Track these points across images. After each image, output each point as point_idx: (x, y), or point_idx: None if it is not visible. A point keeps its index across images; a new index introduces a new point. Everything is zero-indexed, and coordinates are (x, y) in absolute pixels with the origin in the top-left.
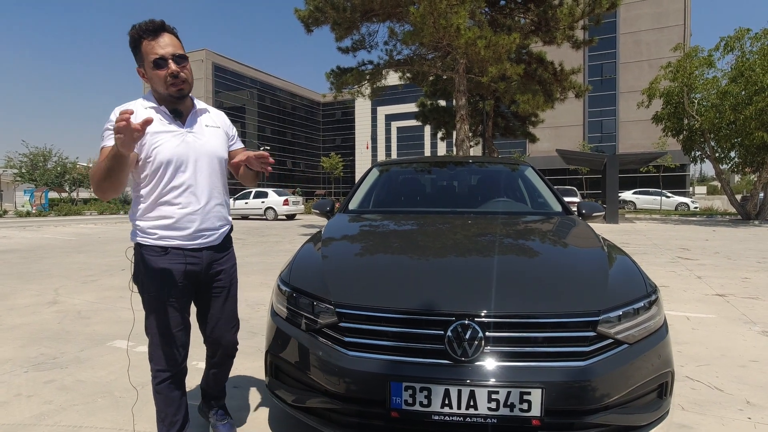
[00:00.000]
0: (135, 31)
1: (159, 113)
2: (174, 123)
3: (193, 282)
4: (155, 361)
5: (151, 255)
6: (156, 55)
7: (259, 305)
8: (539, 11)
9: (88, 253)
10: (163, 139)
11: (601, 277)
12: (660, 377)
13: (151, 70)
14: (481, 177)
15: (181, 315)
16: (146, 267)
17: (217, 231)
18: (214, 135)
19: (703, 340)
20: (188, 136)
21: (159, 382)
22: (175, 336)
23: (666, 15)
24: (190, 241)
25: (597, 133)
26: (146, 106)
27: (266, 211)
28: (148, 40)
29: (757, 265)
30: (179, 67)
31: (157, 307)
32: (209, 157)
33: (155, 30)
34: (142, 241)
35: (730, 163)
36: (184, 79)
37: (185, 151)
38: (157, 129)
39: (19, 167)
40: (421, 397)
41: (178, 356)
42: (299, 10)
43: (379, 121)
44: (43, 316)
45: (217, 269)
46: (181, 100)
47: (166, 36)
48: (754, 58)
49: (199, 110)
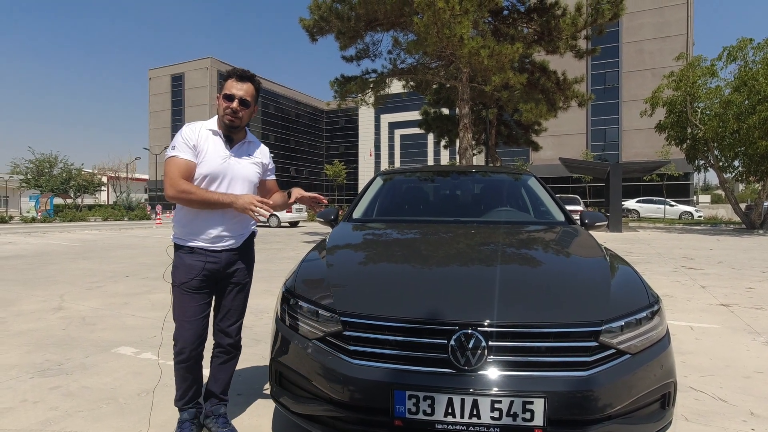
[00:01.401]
0: (230, 71)
1: (216, 136)
2: (225, 146)
3: (212, 278)
4: (178, 343)
5: (182, 253)
6: (229, 92)
7: (263, 312)
8: (542, 21)
9: (92, 260)
10: (211, 156)
11: (603, 287)
12: (662, 387)
13: (221, 99)
14: (484, 186)
15: (198, 305)
16: (177, 263)
17: (237, 237)
18: (252, 163)
19: (707, 350)
20: (231, 159)
21: (177, 360)
22: (195, 322)
23: (668, 25)
24: (211, 244)
25: (600, 142)
26: (209, 128)
27: (270, 218)
28: (234, 80)
29: (761, 274)
30: (240, 108)
31: (182, 296)
32: (242, 179)
33: (243, 77)
34: (177, 243)
35: (734, 172)
36: (239, 117)
37: (224, 169)
38: (209, 147)
39: (25, 173)
40: (425, 406)
41: (196, 340)
42: (304, 20)
43: (383, 129)
44: (48, 322)
45: (234, 268)
46: (234, 130)
47: (247, 84)
48: (757, 67)
49: (247, 142)
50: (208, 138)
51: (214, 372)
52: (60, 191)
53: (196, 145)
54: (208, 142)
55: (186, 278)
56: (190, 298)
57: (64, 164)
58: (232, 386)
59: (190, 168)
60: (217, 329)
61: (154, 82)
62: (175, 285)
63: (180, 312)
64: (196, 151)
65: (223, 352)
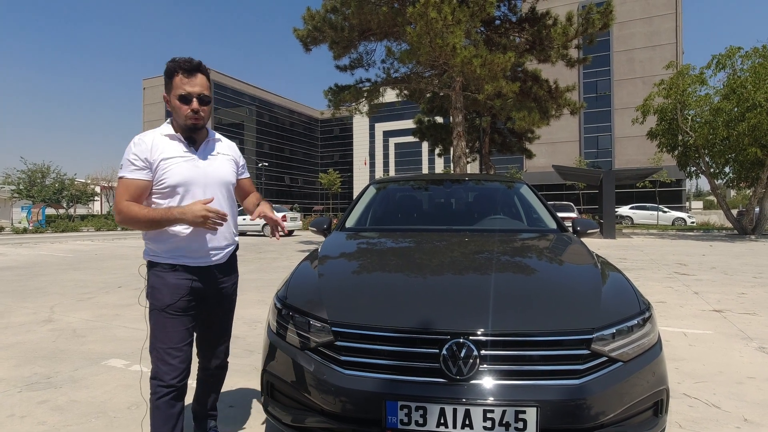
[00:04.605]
0: (173, 65)
1: (174, 140)
2: (188, 150)
3: (198, 298)
4: (158, 376)
5: (161, 272)
6: (184, 91)
7: (256, 323)
8: (533, 31)
9: (84, 271)
10: (174, 163)
11: (594, 295)
12: (655, 395)
13: (176, 101)
14: (476, 194)
15: (185, 329)
16: (156, 283)
17: (223, 250)
18: (225, 162)
19: (701, 356)
20: (200, 162)
21: (159, 396)
22: (179, 350)
23: (658, 34)
24: (196, 260)
25: (593, 149)
26: (164, 133)
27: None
28: (183, 76)
29: (753, 280)
30: (201, 107)
31: (164, 322)
32: (219, 183)
33: (191, 69)
34: (153, 260)
35: (725, 179)
36: (202, 116)
37: (196, 175)
38: (170, 154)
39: (17, 183)
40: (417, 416)
41: (181, 371)
42: (298, 30)
43: (377, 138)
44: (38, 334)
45: (220, 285)
46: (197, 131)
47: (199, 77)
48: (746, 75)
49: (212, 139)
50: (166, 145)
51: (199, 395)
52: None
53: (148, 158)
54: (167, 150)
55: (172, 300)
56: (178, 322)
57: (57, 174)
58: (224, 398)
59: (140, 187)
60: (205, 352)
61: (149, 92)
62: (156, 309)
63: (165, 339)
64: (152, 165)
65: (210, 376)
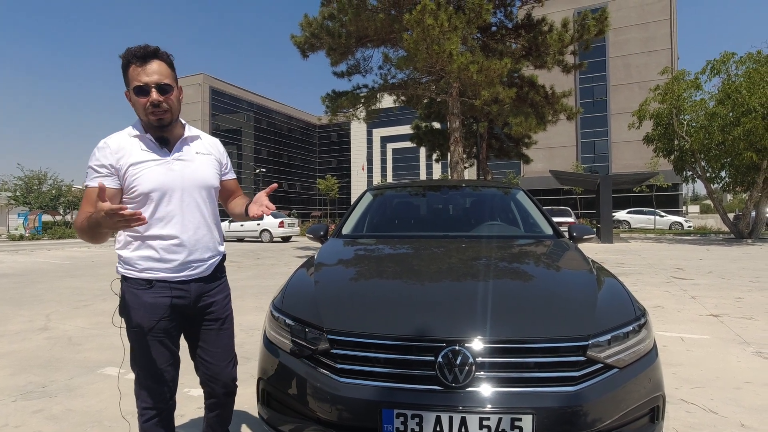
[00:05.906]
0: (125, 55)
1: (143, 141)
2: (159, 151)
3: (181, 316)
4: (142, 399)
5: (136, 288)
6: (139, 82)
7: (254, 330)
8: (530, 37)
9: (80, 278)
10: (146, 167)
11: (589, 302)
12: (651, 401)
13: (134, 96)
14: (473, 201)
15: (168, 350)
16: (131, 301)
17: (206, 262)
18: (205, 162)
19: (698, 361)
20: (175, 164)
21: (146, 419)
22: (163, 372)
23: (654, 39)
24: (176, 273)
25: (590, 154)
26: (132, 135)
27: (262, 233)
28: (136, 65)
29: (750, 284)
30: (162, 97)
31: (143, 342)
32: (198, 187)
33: (145, 56)
34: (126, 274)
35: (721, 183)
36: (166, 109)
37: (171, 180)
38: (139, 159)
39: (14, 190)
40: (413, 424)
41: (166, 393)
42: (295, 37)
43: (375, 143)
44: (33, 342)
45: (207, 301)
46: (166, 128)
47: (154, 63)
48: (740, 80)
49: (189, 137)
50: (134, 148)
51: (211, 423)
52: (49, 208)
53: (113, 164)
54: (136, 153)
55: (150, 322)
56: (159, 344)
57: (54, 180)
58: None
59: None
60: (207, 378)
61: None
62: (133, 329)
63: (146, 361)
64: (119, 171)
65: (217, 404)
